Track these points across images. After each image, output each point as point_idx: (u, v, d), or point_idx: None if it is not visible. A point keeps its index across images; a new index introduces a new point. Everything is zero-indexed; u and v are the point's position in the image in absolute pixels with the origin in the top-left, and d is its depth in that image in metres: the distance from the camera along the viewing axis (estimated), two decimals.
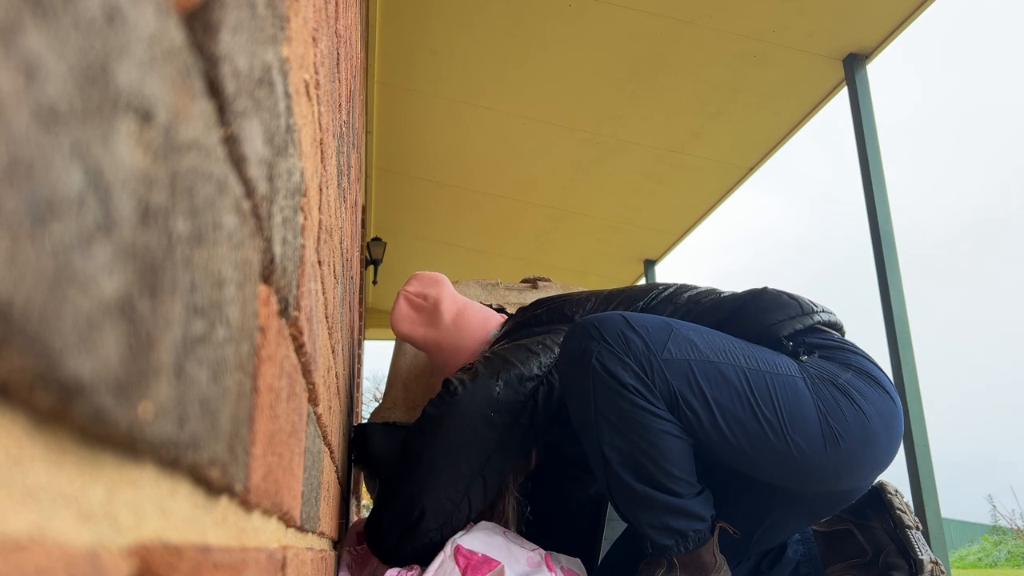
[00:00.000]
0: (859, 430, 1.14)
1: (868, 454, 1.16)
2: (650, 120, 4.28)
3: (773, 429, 1.13)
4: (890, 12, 3.34)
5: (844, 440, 1.14)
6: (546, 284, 2.11)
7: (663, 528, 1.15)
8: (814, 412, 1.14)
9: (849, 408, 1.15)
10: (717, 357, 1.17)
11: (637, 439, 1.13)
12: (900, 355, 3.11)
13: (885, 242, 3.27)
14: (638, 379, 1.13)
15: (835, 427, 1.14)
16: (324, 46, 0.59)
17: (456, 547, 1.15)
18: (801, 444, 1.13)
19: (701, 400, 1.13)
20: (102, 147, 0.16)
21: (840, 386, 1.16)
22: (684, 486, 1.15)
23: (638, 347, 1.14)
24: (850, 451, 1.14)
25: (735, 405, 1.13)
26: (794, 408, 1.14)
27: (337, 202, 0.85)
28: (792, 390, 1.15)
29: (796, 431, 1.13)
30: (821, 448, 1.13)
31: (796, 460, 1.13)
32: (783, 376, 1.17)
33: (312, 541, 0.72)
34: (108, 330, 0.16)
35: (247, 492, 0.32)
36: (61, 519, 0.16)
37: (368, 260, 5.81)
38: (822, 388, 1.16)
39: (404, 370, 1.85)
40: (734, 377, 1.15)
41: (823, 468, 1.14)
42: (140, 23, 0.18)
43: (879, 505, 1.33)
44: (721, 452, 1.16)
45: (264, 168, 0.32)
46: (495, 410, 1.27)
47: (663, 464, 1.13)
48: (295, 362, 0.46)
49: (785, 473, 1.16)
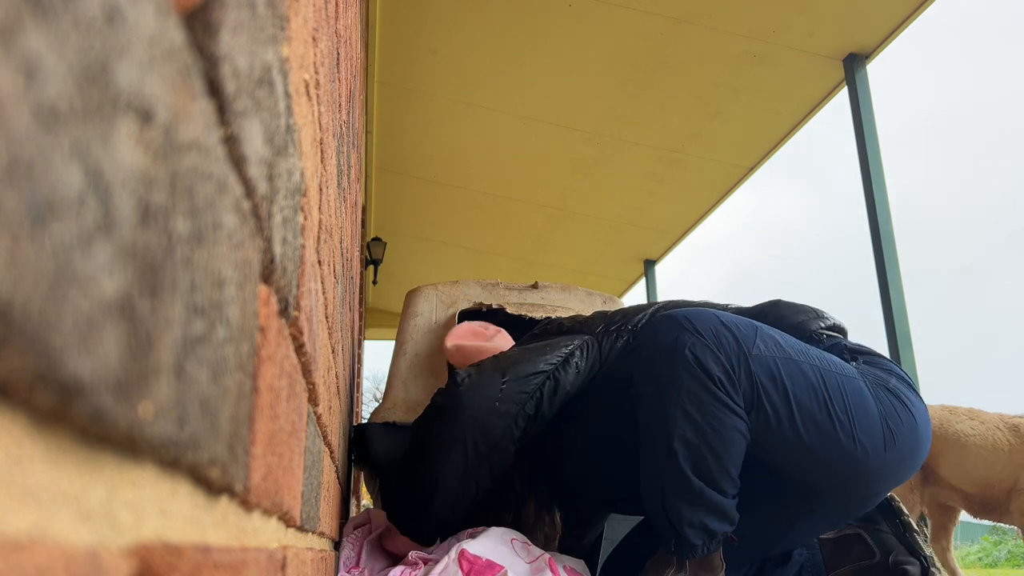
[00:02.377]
0: (910, 433, 1.20)
1: (915, 457, 1.22)
2: (650, 120, 4.28)
3: (844, 429, 1.17)
4: (890, 12, 3.34)
5: (898, 442, 1.19)
6: (546, 285, 2.11)
7: (700, 528, 1.16)
8: (876, 414, 1.19)
9: (903, 412, 1.20)
10: (798, 356, 1.21)
11: (710, 433, 1.15)
12: (900, 355, 3.12)
13: (885, 242, 3.27)
14: (725, 374, 1.16)
15: (893, 429, 1.18)
16: (324, 46, 0.59)
17: (461, 551, 1.16)
18: (866, 445, 1.17)
19: (783, 396, 1.16)
20: (102, 147, 0.16)
21: (892, 389, 1.22)
22: (732, 486, 1.18)
23: (730, 342, 1.18)
24: (901, 454, 1.19)
25: (812, 403, 1.17)
26: (861, 409, 1.18)
27: (337, 202, 0.85)
28: (858, 392, 1.20)
29: (862, 432, 1.17)
30: (881, 450, 1.18)
31: (859, 460, 1.17)
32: (850, 378, 1.21)
33: (312, 541, 0.72)
34: (108, 330, 0.16)
35: (247, 492, 0.32)
36: (61, 519, 0.16)
37: (368, 260, 5.81)
38: (879, 391, 1.21)
39: (404, 370, 1.85)
40: (812, 376, 1.19)
41: (879, 469, 1.19)
42: (140, 23, 0.18)
43: (887, 510, 1.37)
44: (787, 450, 1.19)
45: (264, 168, 0.32)
46: (499, 400, 1.30)
47: (725, 462, 1.15)
48: (295, 362, 0.46)
49: (844, 474, 1.20)
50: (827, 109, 4.00)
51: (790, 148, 4.37)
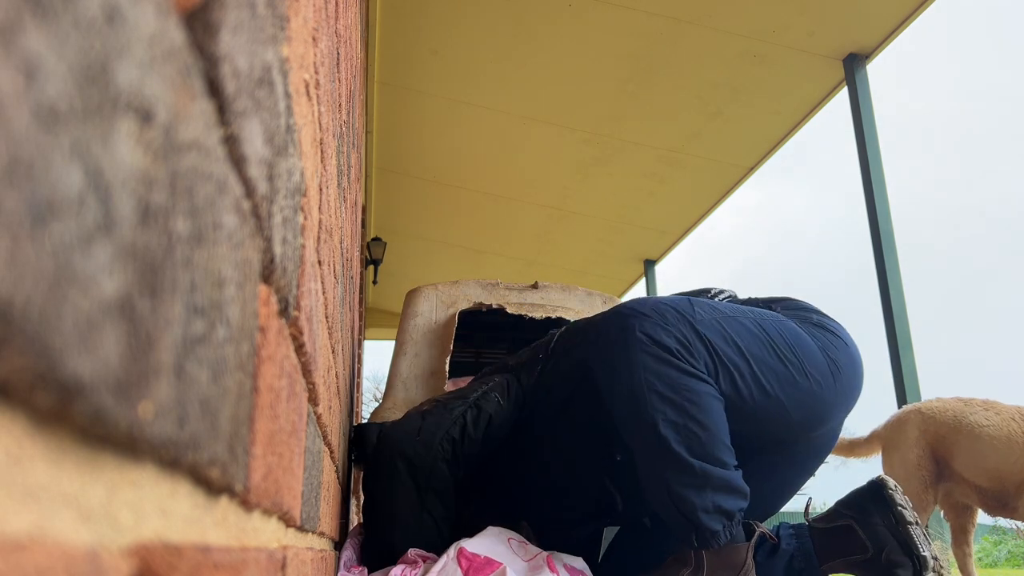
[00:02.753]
0: (847, 359, 1.25)
1: (857, 380, 1.27)
2: (650, 120, 4.28)
3: (796, 368, 1.20)
4: (890, 12, 3.34)
5: (842, 370, 1.24)
6: (546, 285, 2.11)
7: (715, 511, 1.14)
8: (816, 348, 1.23)
9: (835, 340, 1.25)
10: (734, 313, 1.23)
11: (689, 406, 1.14)
12: (900, 355, 3.11)
13: (885, 242, 3.27)
14: (680, 344, 1.16)
15: (834, 358, 1.23)
16: (324, 46, 0.59)
17: (459, 550, 1.16)
18: (818, 378, 1.21)
19: (737, 351, 1.18)
20: (102, 147, 0.16)
21: (817, 323, 1.27)
22: (731, 456, 1.17)
23: (673, 314, 1.19)
24: (847, 379, 1.24)
25: (764, 353, 1.20)
26: (802, 347, 1.22)
27: (337, 202, 0.85)
28: (795, 332, 1.24)
29: (811, 366, 1.21)
30: (831, 380, 1.22)
31: (817, 396, 1.21)
32: (783, 322, 1.25)
33: (312, 541, 0.72)
34: (108, 330, 0.16)
35: (247, 492, 0.32)
36: (61, 519, 0.16)
37: (368, 260, 5.81)
38: (809, 328, 1.26)
39: (404, 370, 1.85)
40: (753, 328, 1.22)
41: (834, 400, 1.23)
42: (140, 23, 0.18)
43: (880, 501, 1.31)
44: (757, 408, 1.20)
45: (264, 168, 0.32)
46: (420, 431, 1.40)
47: (714, 432, 1.15)
48: (295, 362, 0.46)
49: (809, 413, 1.23)
50: (828, 108, 4.00)
51: (792, 147, 4.37)
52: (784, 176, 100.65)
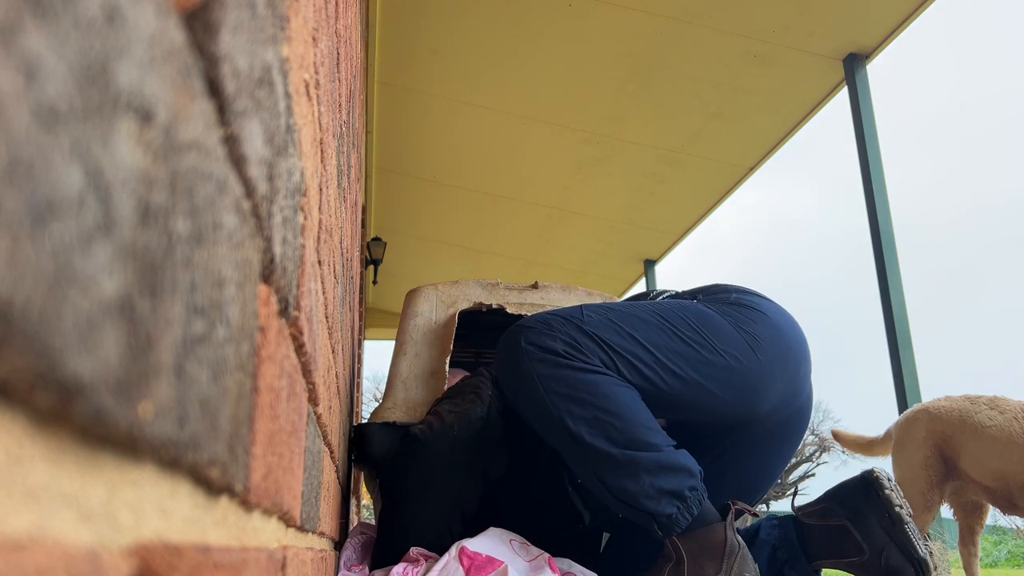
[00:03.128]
0: (770, 330, 1.26)
1: (788, 349, 1.27)
2: (650, 120, 4.28)
3: (704, 347, 1.22)
4: (890, 12, 3.34)
5: (763, 342, 1.25)
6: (546, 285, 2.11)
7: (658, 494, 1.15)
8: (727, 325, 1.25)
9: (752, 313, 1.28)
10: (629, 309, 1.27)
11: (592, 398, 1.17)
12: (900, 355, 3.11)
13: (885, 242, 3.27)
14: (567, 344, 1.20)
15: (751, 332, 1.24)
16: (324, 46, 0.59)
17: (461, 549, 1.16)
18: (734, 353, 1.22)
19: (634, 342, 1.21)
20: (102, 147, 0.16)
21: (733, 302, 1.30)
22: (657, 436, 1.18)
23: (558, 321, 1.24)
24: (776, 350, 1.25)
25: (663, 338, 1.22)
26: (710, 326, 1.25)
27: (337, 202, 0.85)
28: (701, 314, 1.27)
29: (722, 342, 1.23)
30: (751, 353, 1.23)
31: (741, 372, 1.22)
32: (688, 306, 1.29)
33: (312, 541, 0.72)
34: (108, 330, 0.16)
35: (247, 492, 0.32)
36: (61, 519, 0.16)
37: (368, 260, 5.81)
38: (721, 307, 1.29)
39: (404, 370, 1.85)
40: (649, 317, 1.25)
41: (765, 374, 1.23)
42: (140, 23, 0.18)
43: (875, 500, 1.27)
44: (677, 393, 1.21)
45: (264, 168, 0.32)
46: (456, 448, 1.41)
47: (628, 416, 1.17)
48: (295, 362, 0.46)
49: (740, 392, 1.24)
50: (829, 108, 4.00)
51: (792, 146, 4.37)
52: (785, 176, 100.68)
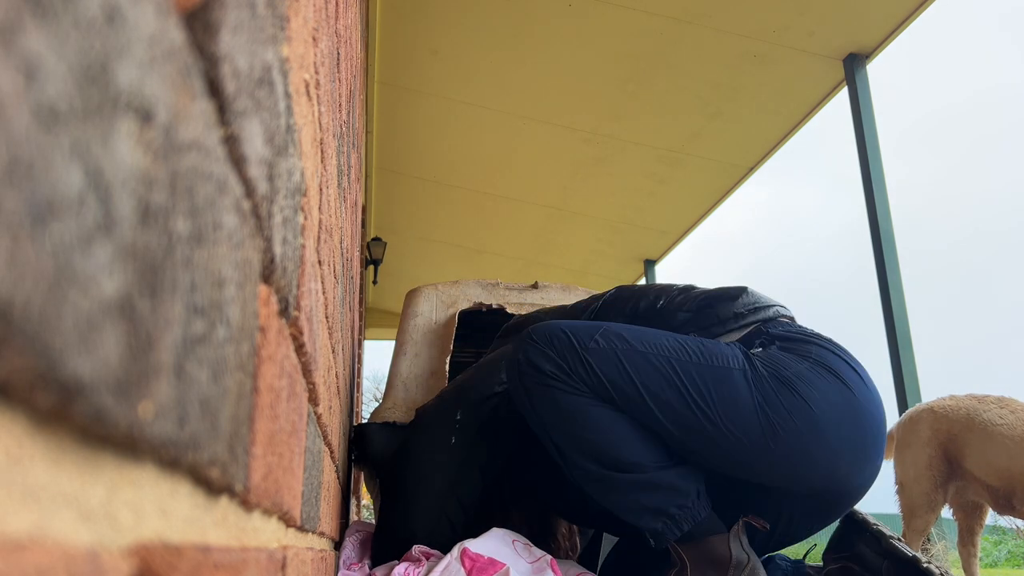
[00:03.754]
0: (803, 422, 1.14)
1: (822, 444, 1.14)
2: (650, 120, 4.28)
3: (706, 416, 1.15)
4: (890, 12, 3.34)
5: (785, 431, 1.13)
6: (546, 284, 2.11)
7: (641, 510, 1.17)
8: (750, 402, 1.15)
9: (790, 399, 1.14)
10: (645, 348, 1.20)
11: (575, 422, 1.18)
12: (900, 355, 3.12)
13: (885, 242, 3.27)
14: (557, 366, 1.20)
15: (773, 418, 1.14)
16: (324, 46, 0.59)
17: (463, 550, 1.16)
18: (737, 433, 1.14)
19: (631, 385, 1.18)
20: (102, 147, 0.16)
21: (784, 378, 1.16)
22: (644, 455, 1.17)
23: (562, 342, 1.21)
24: (797, 441, 1.14)
25: (664, 391, 1.16)
26: (727, 397, 1.15)
27: (337, 202, 0.85)
28: (724, 380, 1.17)
29: (729, 419, 1.14)
30: (760, 438, 1.14)
31: (735, 448, 1.15)
32: (717, 368, 1.18)
33: (312, 541, 0.72)
34: (108, 330, 0.16)
35: (247, 492, 0.32)
36: (61, 519, 0.16)
37: (368, 260, 5.81)
38: (764, 380, 1.16)
39: (404, 370, 1.85)
40: (662, 365, 1.18)
41: (772, 459, 1.15)
42: (140, 23, 0.18)
43: (854, 526, 1.34)
44: (674, 440, 1.19)
45: (264, 168, 0.32)
46: (456, 435, 1.41)
47: (609, 438, 1.17)
48: (295, 362, 0.46)
49: (731, 462, 1.18)
50: (829, 107, 4.00)
51: (793, 145, 4.37)
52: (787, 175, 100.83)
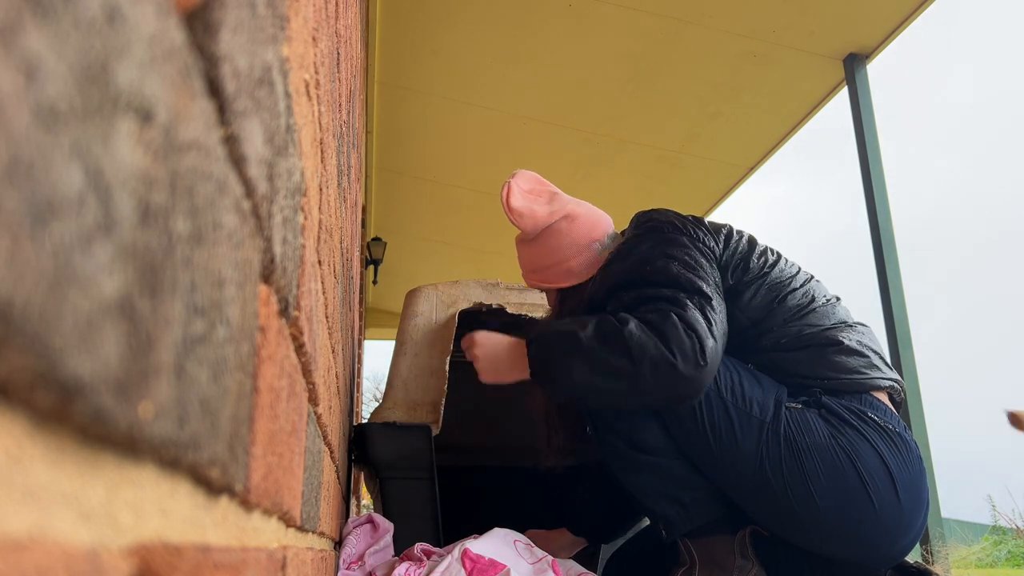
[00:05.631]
0: (800, 491, 1.14)
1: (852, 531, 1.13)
2: (650, 120, 4.28)
3: (711, 441, 1.20)
4: (890, 12, 3.34)
5: (822, 508, 1.13)
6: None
7: (657, 495, 1.24)
8: (754, 455, 1.17)
9: (792, 466, 1.15)
10: (761, 382, 1.25)
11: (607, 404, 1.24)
12: (900, 355, 3.11)
13: (885, 242, 3.27)
14: None
15: (770, 477, 1.16)
16: (324, 46, 0.59)
17: (464, 551, 1.16)
18: (732, 473, 1.20)
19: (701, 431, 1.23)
20: (102, 147, 0.16)
21: (798, 447, 1.15)
22: (666, 443, 1.24)
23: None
24: (837, 519, 1.13)
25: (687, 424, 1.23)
26: (734, 444, 1.18)
27: (337, 202, 0.85)
28: (746, 428, 1.18)
29: (729, 459, 1.19)
30: (754, 492, 1.18)
31: (728, 482, 1.21)
32: (743, 413, 1.19)
33: (312, 541, 0.72)
34: (108, 330, 0.16)
35: (247, 492, 0.32)
36: (61, 519, 0.16)
37: (368, 260, 5.81)
38: (774, 443, 1.17)
39: (404, 370, 1.85)
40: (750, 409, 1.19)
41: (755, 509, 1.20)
42: (140, 23, 0.18)
43: None
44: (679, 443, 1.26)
45: (264, 168, 0.32)
46: None
47: (636, 421, 1.26)
48: (295, 362, 0.46)
49: (723, 487, 1.23)
50: (829, 106, 4.00)
51: (793, 144, 4.36)
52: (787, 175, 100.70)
